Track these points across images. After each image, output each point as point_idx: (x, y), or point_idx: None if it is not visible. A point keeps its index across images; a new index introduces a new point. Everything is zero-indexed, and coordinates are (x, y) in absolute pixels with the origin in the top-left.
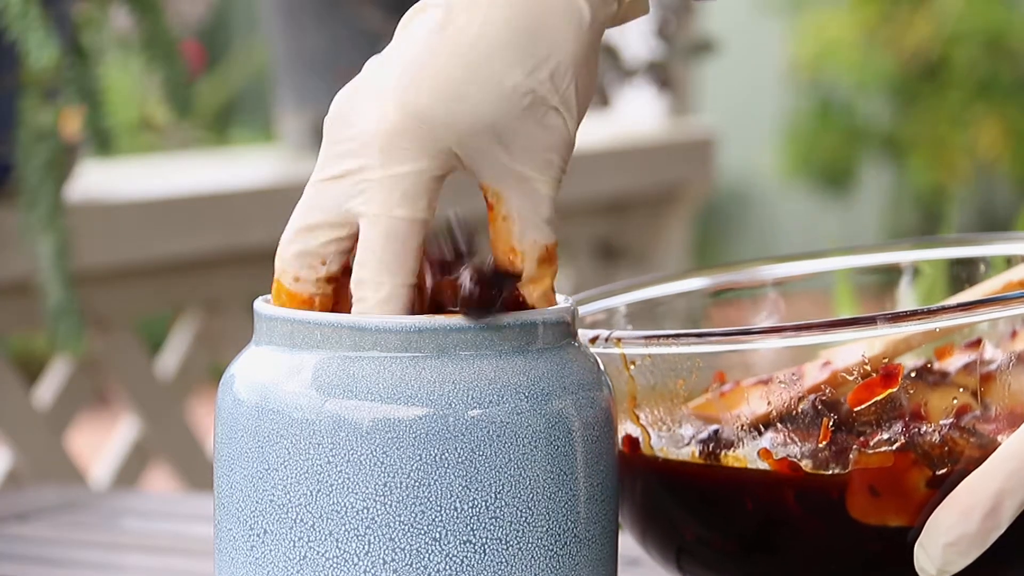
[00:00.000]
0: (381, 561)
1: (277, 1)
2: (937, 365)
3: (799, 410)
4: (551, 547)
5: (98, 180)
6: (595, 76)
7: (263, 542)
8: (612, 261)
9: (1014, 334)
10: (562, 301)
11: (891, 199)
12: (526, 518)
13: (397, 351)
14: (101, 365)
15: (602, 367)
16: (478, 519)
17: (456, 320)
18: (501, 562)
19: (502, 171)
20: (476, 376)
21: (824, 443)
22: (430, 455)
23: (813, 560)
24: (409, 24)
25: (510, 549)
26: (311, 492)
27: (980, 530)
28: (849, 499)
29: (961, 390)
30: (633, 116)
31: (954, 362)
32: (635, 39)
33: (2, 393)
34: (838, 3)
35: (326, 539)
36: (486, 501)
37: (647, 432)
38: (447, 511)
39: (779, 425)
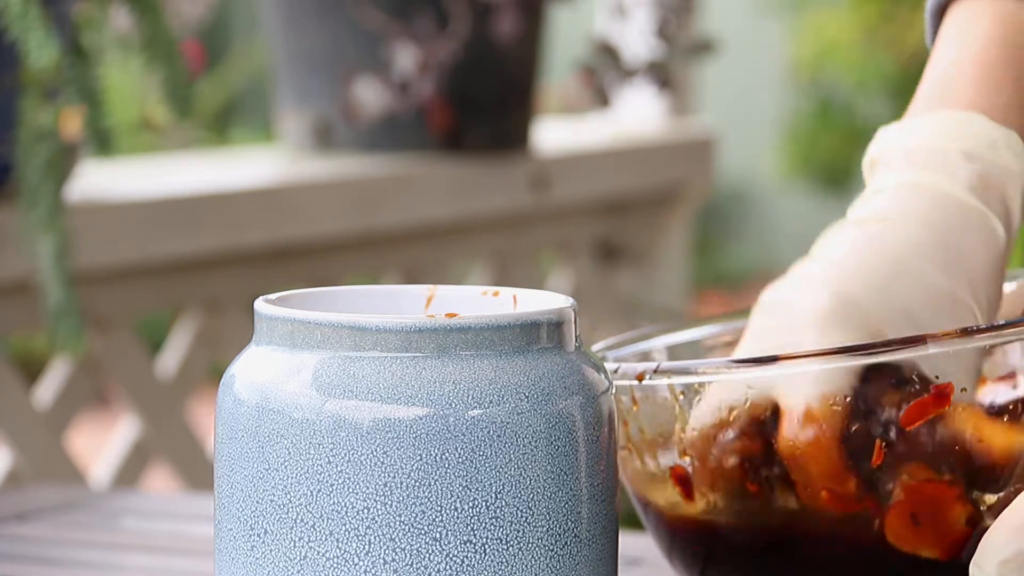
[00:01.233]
0: (381, 561)
1: (277, 1)
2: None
3: (850, 431)
4: (551, 547)
5: (98, 180)
6: (1000, 294)
7: (263, 542)
8: (612, 261)
9: None
10: (563, 301)
11: None
12: (526, 518)
13: (397, 351)
14: (101, 365)
15: (603, 367)
16: (478, 519)
17: (456, 320)
18: (501, 562)
19: (925, 359)
20: (476, 376)
21: (878, 464)
22: (430, 455)
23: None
24: (831, 234)
25: (510, 549)
26: (311, 492)
27: None
28: (889, 523)
29: None
30: (633, 116)
31: (993, 394)
32: (635, 39)
33: (2, 393)
34: (838, 3)
35: (326, 539)
36: (486, 501)
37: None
38: (447, 511)
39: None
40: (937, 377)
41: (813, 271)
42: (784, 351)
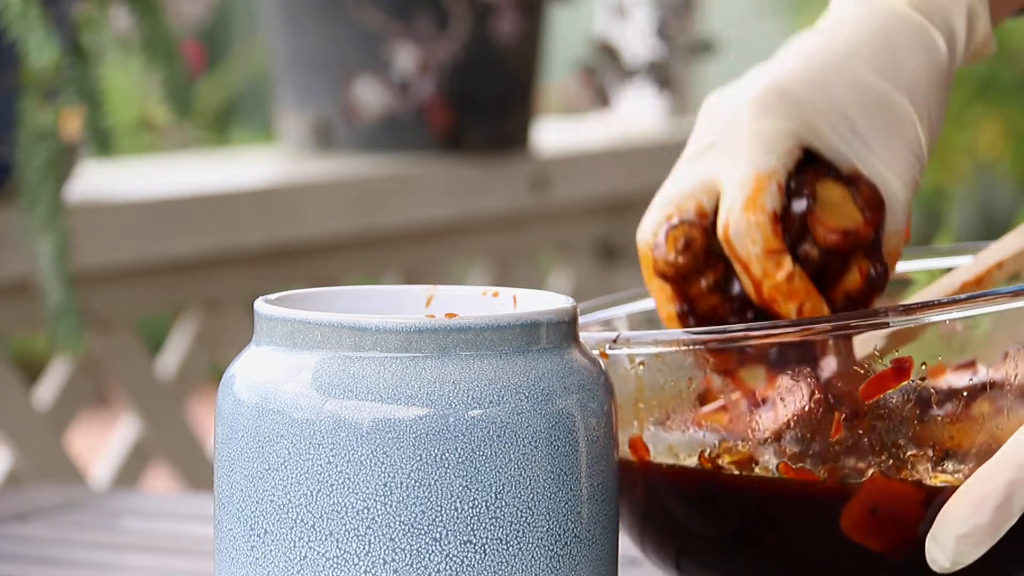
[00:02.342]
0: (381, 561)
1: (277, 1)
2: (932, 384)
3: (811, 404)
4: (551, 547)
5: (98, 180)
6: (943, 118)
7: (263, 542)
8: (612, 261)
9: (1006, 356)
10: (563, 301)
11: None
12: (526, 518)
13: (397, 351)
14: (101, 365)
15: (603, 367)
16: (478, 519)
17: (456, 320)
18: (501, 562)
19: (861, 160)
20: (476, 376)
21: (836, 437)
22: (430, 455)
23: (802, 563)
24: (787, 47)
25: (510, 549)
26: (311, 492)
27: (992, 521)
28: (846, 510)
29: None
30: (633, 116)
31: (953, 381)
32: (635, 39)
33: (2, 393)
34: None
35: (326, 539)
36: (486, 501)
37: (650, 432)
38: (447, 511)
39: (792, 424)
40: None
41: (755, 73)
42: (721, 143)
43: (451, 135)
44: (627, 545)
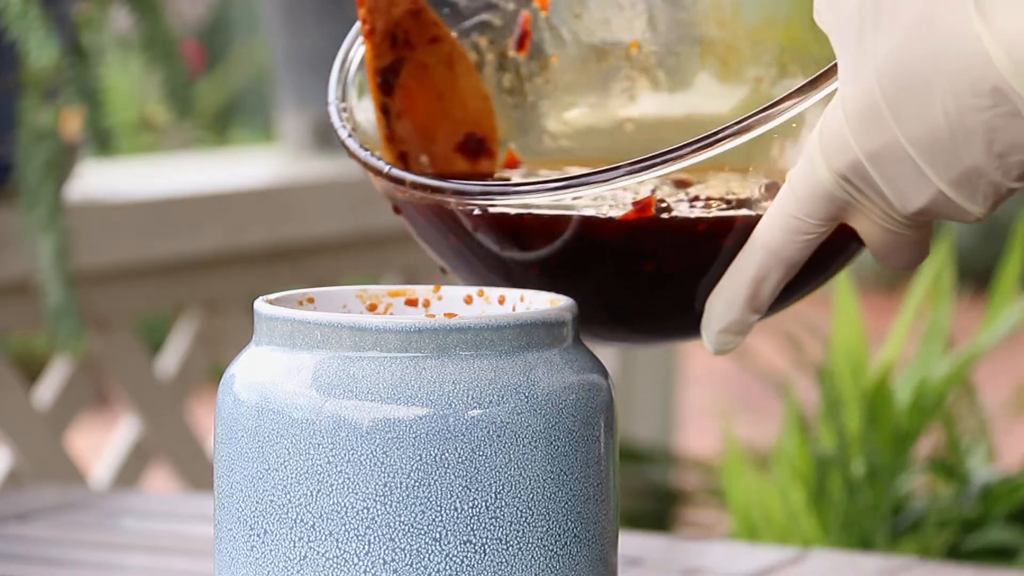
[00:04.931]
0: (381, 561)
1: (277, 1)
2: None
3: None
4: (551, 547)
5: (98, 180)
6: None
7: (263, 542)
8: None
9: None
10: (563, 301)
11: None
12: (526, 518)
13: (397, 351)
14: (101, 365)
15: (603, 367)
16: (478, 519)
17: (456, 320)
18: (501, 562)
19: None
20: (476, 376)
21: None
22: (430, 455)
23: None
24: None
25: (510, 549)
26: (311, 492)
27: (744, 315)
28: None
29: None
30: None
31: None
32: None
33: (2, 393)
34: None
35: (326, 539)
36: (486, 501)
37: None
38: (447, 511)
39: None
40: None
41: None
42: None
43: None
44: (627, 545)
